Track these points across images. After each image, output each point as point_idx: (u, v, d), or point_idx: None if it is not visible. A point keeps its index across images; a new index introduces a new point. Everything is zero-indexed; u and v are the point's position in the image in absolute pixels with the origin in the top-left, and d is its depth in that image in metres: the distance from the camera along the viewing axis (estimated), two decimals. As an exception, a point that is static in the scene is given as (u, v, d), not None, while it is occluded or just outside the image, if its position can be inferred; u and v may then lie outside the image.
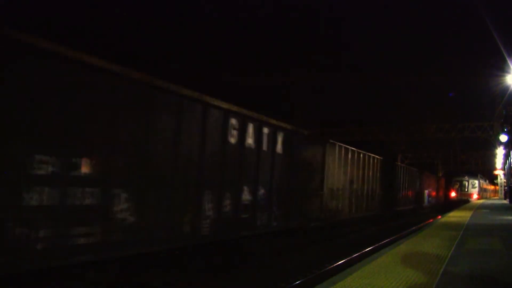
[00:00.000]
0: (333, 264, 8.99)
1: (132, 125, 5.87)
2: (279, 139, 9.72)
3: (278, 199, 9.57)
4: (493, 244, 8.85)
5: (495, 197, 70.91)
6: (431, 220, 18.17)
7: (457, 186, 54.58)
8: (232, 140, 8.02)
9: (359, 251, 10.54)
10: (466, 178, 53.99)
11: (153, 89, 6.20)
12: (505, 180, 50.22)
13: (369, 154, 18.17)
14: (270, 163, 9.34)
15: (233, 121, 7.99)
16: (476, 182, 55.38)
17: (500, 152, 39.78)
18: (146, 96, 6.09)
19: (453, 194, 53.76)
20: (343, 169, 14.98)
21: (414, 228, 15.58)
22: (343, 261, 9.30)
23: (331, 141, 14.37)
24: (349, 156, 15.66)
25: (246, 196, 8.39)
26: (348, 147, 15.66)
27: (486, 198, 59.71)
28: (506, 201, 41.42)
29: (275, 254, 9.72)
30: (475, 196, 53.91)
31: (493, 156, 44.98)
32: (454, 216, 18.41)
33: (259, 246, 9.19)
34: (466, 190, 54.30)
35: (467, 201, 43.42)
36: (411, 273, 5.71)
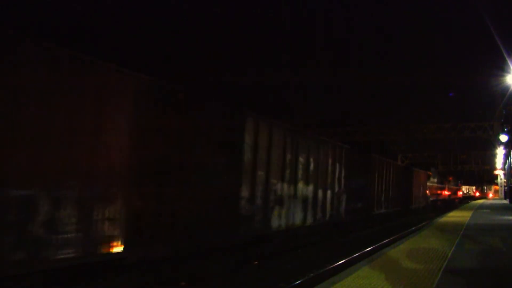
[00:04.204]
0: (333, 264, 8.99)
1: None
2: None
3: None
4: (493, 243, 8.86)
5: (496, 197, 70.99)
6: (433, 219, 18.13)
7: (479, 189, 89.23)
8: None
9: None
10: (485, 184, 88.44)
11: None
12: (505, 180, 50.23)
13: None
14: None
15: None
16: (492, 187, 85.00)
17: (500, 152, 39.77)
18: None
19: (477, 194, 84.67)
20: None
21: (414, 228, 15.57)
22: (344, 259, 9.30)
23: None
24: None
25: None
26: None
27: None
28: (506, 201, 41.41)
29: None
30: (490, 195, 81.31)
31: (493, 156, 44.97)
32: (454, 216, 18.40)
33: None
34: (485, 191, 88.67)
35: (485, 198, 70.43)
36: (412, 272, 5.72)
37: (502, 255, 7.49)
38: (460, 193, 65.91)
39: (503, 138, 28.15)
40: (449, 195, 46.20)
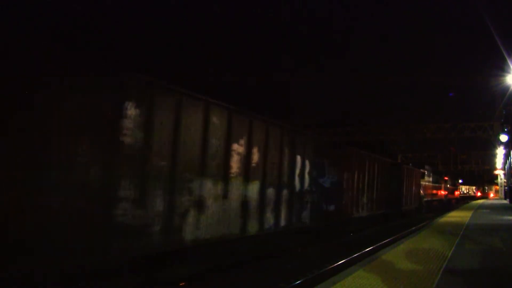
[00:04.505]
0: (333, 264, 9.00)
1: None
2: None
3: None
4: (493, 243, 8.87)
5: (496, 197, 71.06)
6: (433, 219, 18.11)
7: (481, 189, 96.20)
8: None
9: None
10: (486, 185, 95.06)
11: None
12: (505, 180, 50.28)
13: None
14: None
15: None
16: (493, 187, 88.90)
17: (500, 152, 39.81)
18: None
19: (479, 194, 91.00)
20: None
21: (414, 228, 15.58)
22: (344, 260, 9.31)
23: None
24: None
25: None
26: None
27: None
28: (506, 201, 41.42)
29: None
30: (491, 195, 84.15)
31: (493, 156, 45.03)
32: (454, 216, 18.41)
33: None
34: (486, 192, 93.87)
35: (486, 198, 74.66)
36: (411, 272, 5.72)
37: (502, 255, 7.50)
38: (457, 192, 62.03)
39: (503, 138, 28.18)
40: (445, 195, 42.51)
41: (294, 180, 10.23)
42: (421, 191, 28.70)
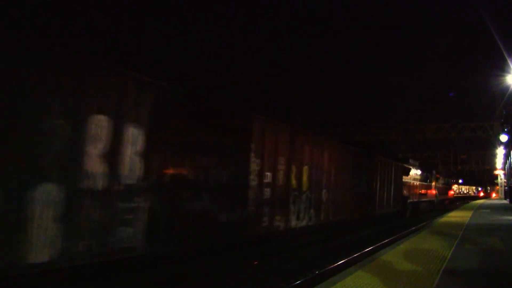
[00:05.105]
0: (333, 264, 9.00)
1: None
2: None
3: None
4: (493, 243, 8.86)
5: (497, 197, 71.08)
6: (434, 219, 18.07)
7: (483, 189, 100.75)
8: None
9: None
10: (488, 185, 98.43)
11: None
12: (505, 180, 50.31)
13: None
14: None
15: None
16: (495, 187, 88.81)
17: (500, 152, 39.83)
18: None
19: (481, 194, 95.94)
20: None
21: (414, 228, 15.58)
22: (343, 260, 9.30)
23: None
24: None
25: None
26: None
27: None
28: (506, 201, 41.44)
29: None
30: (494, 195, 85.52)
31: (493, 156, 45.06)
32: (454, 216, 18.40)
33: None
34: (488, 192, 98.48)
35: (488, 197, 77.49)
36: (411, 273, 5.72)
37: (502, 256, 7.50)
38: (451, 192, 55.24)
39: (503, 138, 28.21)
40: (436, 195, 35.88)
41: (83, 166, 5.16)
42: (405, 191, 23.59)
